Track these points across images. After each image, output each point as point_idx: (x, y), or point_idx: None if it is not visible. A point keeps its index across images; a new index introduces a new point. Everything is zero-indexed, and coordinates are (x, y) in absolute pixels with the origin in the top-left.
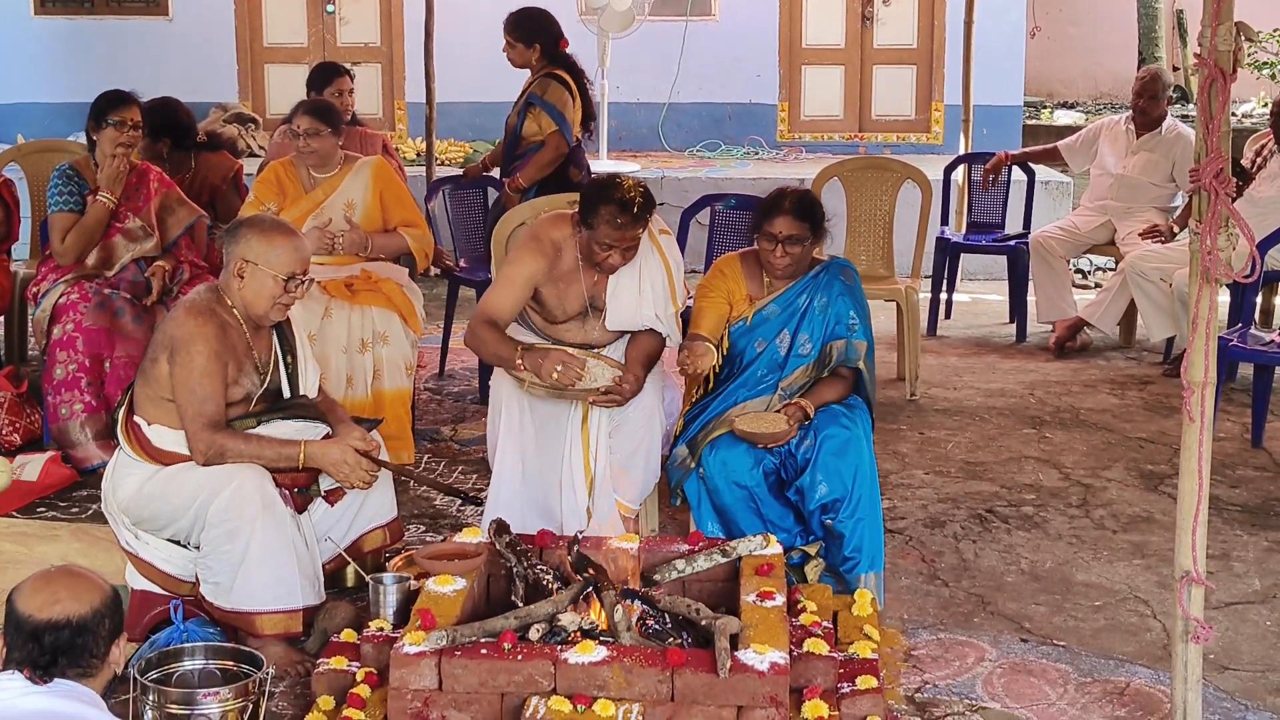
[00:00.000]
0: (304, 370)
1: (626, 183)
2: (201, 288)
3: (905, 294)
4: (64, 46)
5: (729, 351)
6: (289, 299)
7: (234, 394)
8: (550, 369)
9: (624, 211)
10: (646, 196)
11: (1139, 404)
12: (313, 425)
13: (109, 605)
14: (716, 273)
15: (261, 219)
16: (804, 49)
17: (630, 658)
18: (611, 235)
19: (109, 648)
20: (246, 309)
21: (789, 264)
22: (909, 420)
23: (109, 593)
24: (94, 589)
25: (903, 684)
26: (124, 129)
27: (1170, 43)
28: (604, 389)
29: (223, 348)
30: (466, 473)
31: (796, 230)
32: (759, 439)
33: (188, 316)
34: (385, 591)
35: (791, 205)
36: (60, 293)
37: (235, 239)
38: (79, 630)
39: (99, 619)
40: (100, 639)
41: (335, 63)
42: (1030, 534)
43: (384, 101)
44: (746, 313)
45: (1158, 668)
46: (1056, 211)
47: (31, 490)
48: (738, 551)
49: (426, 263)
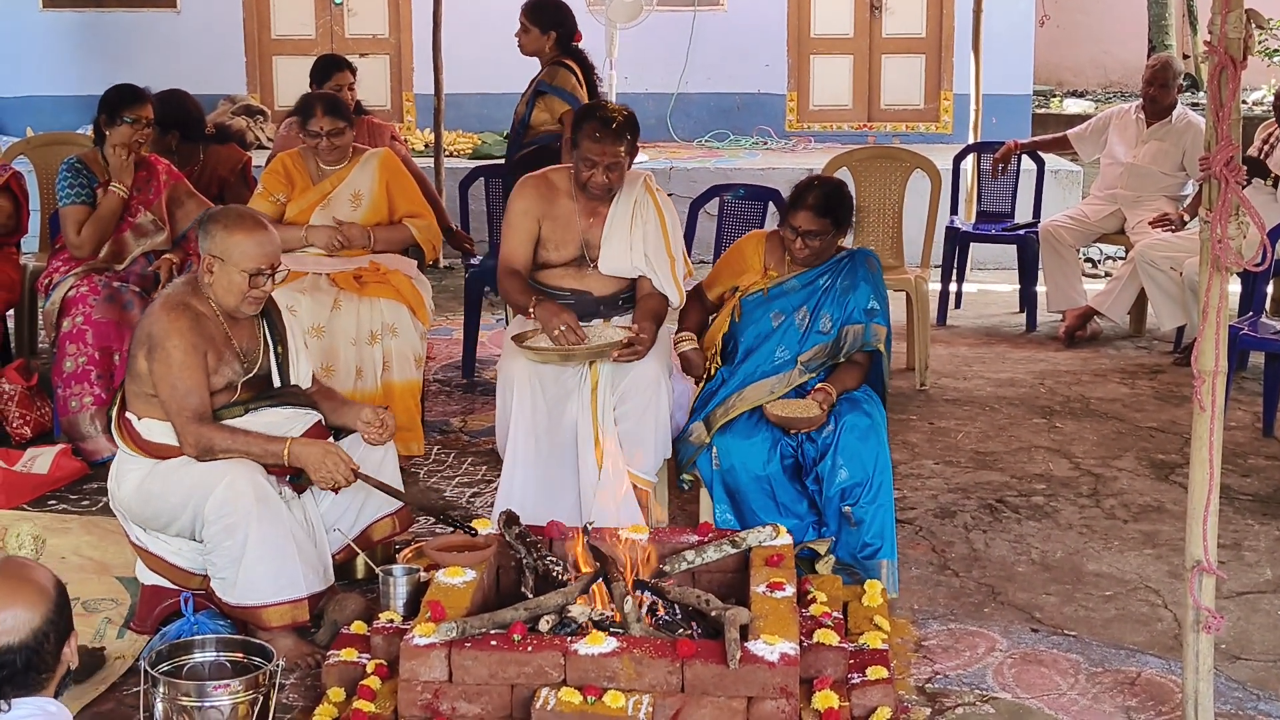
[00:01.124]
0: (295, 360)
1: (609, 104)
2: (178, 280)
3: (915, 284)
4: (72, 40)
5: (740, 320)
6: (258, 294)
7: (215, 383)
8: (555, 325)
9: (604, 126)
10: (629, 118)
11: (1149, 393)
12: (303, 411)
13: (51, 613)
14: (737, 247)
15: (228, 211)
16: (812, 38)
17: (640, 649)
18: (593, 150)
19: (59, 654)
20: (219, 303)
21: (809, 255)
22: (919, 410)
23: (48, 598)
24: (31, 603)
25: (913, 674)
26: (138, 126)
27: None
28: (624, 341)
29: (199, 339)
30: (476, 464)
31: (816, 226)
32: (793, 424)
33: (162, 312)
34: (395, 583)
35: (815, 201)
36: (70, 285)
37: (204, 234)
38: (20, 652)
39: (41, 636)
40: (46, 652)
41: (337, 56)
42: (1041, 524)
43: (392, 93)
44: (763, 285)
45: (1169, 657)
46: (1066, 200)
47: (42, 483)
48: (747, 542)
49: (435, 254)
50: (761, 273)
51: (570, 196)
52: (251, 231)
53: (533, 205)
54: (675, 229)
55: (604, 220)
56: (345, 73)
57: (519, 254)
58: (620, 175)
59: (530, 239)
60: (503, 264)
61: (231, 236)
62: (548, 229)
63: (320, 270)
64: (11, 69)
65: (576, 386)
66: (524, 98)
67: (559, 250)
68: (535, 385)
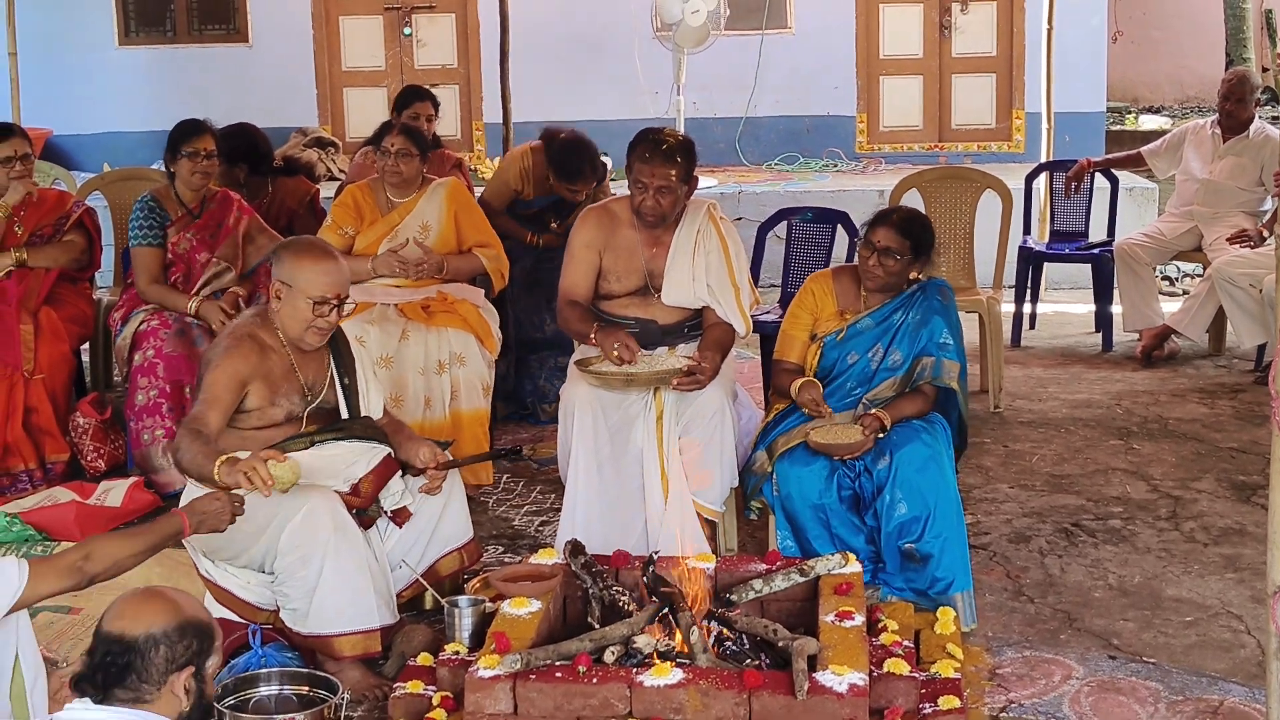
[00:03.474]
0: (364, 391)
1: (665, 129)
2: (248, 311)
3: (987, 305)
4: (148, 75)
5: (819, 364)
6: (323, 323)
7: (274, 415)
8: (611, 345)
9: (654, 148)
10: (682, 142)
11: (1230, 413)
12: (369, 446)
13: (172, 632)
14: (804, 293)
15: (300, 240)
16: (881, 59)
17: (706, 680)
18: (643, 172)
19: (166, 676)
20: (285, 331)
21: (882, 275)
22: (993, 433)
23: (181, 620)
24: (161, 613)
25: (987, 704)
26: (198, 159)
27: (1259, 43)
28: (684, 369)
29: (249, 373)
30: (545, 492)
31: (895, 244)
32: (833, 450)
33: (226, 339)
34: (461, 615)
35: (899, 220)
36: (141, 320)
37: (275, 261)
38: (126, 649)
39: (151, 643)
40: (151, 664)
41: (420, 87)
42: (1118, 548)
43: (462, 122)
44: (840, 326)
45: (1252, 685)
46: (1141, 218)
47: (116, 515)
48: (816, 571)
49: (502, 283)
50: (836, 314)
51: (632, 226)
52: (319, 260)
53: (594, 237)
54: (740, 257)
55: (667, 250)
56: (426, 104)
57: (580, 287)
58: (673, 201)
59: (591, 271)
60: (563, 295)
61: (299, 263)
62: (609, 260)
63: (388, 301)
64: (88, 106)
65: (641, 414)
66: None
67: (621, 281)
68: (597, 411)
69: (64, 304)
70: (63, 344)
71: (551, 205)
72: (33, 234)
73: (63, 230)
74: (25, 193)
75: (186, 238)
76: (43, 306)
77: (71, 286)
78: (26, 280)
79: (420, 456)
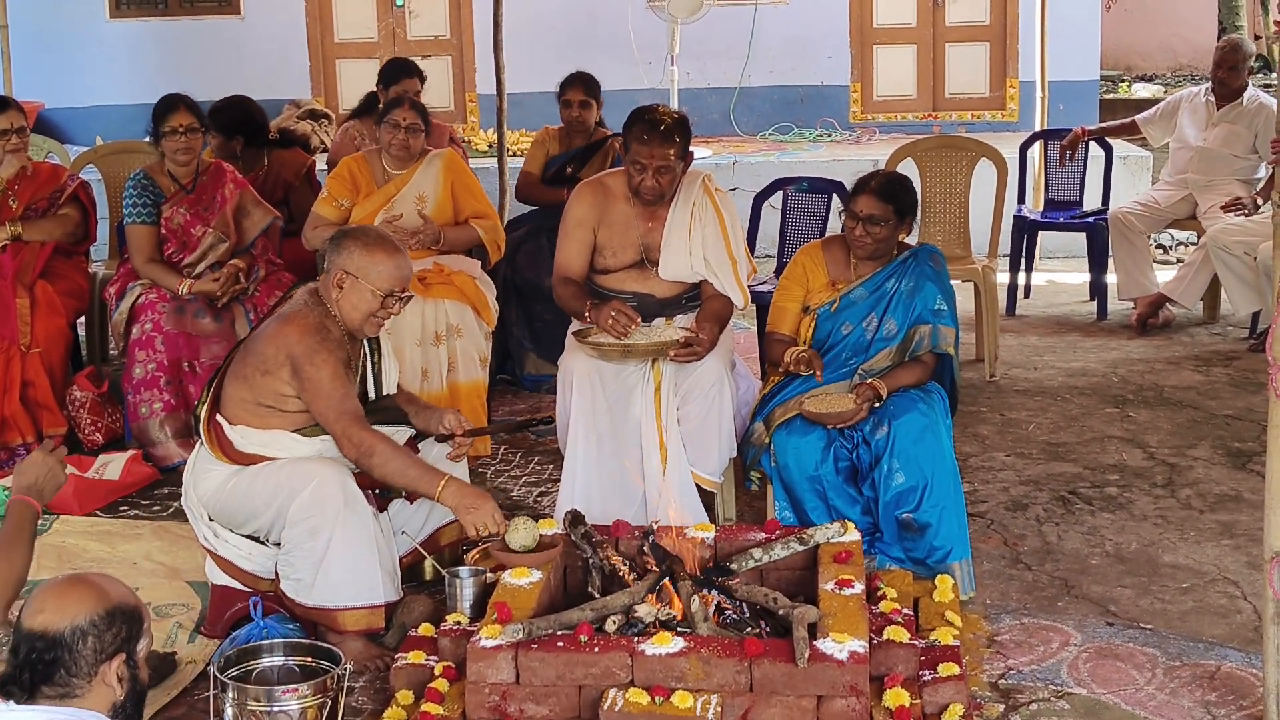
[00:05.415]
0: (387, 368)
1: (660, 106)
2: (302, 296)
3: (983, 274)
4: (139, 48)
5: (814, 336)
6: (385, 314)
7: None
8: (606, 315)
9: (652, 128)
10: (679, 120)
11: (1225, 380)
12: (395, 429)
13: (99, 620)
14: (794, 265)
15: (367, 231)
16: (875, 29)
17: (708, 648)
18: (641, 153)
19: (96, 668)
20: (342, 320)
21: (870, 243)
22: (989, 402)
23: (108, 606)
24: (84, 600)
25: (986, 670)
26: (178, 136)
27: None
28: (681, 339)
29: (342, 354)
30: (543, 463)
31: (877, 210)
32: (826, 419)
33: (304, 334)
34: (462, 585)
35: (877, 185)
36: (138, 294)
37: (338, 249)
38: (52, 644)
39: (78, 635)
40: (80, 656)
41: (408, 61)
42: (1115, 515)
43: (455, 94)
44: (833, 297)
45: (1249, 650)
46: (1135, 186)
47: (114, 489)
48: (815, 539)
49: (498, 254)
50: (828, 285)
51: (627, 201)
52: (392, 254)
53: (588, 214)
54: (736, 229)
55: (663, 224)
56: (414, 80)
57: (574, 264)
58: (672, 179)
59: (585, 248)
60: (557, 273)
61: (372, 256)
62: (604, 236)
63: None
64: (79, 79)
65: (639, 385)
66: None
67: (618, 255)
68: (595, 381)
69: (59, 278)
70: (59, 318)
71: (575, 156)
72: (27, 208)
73: (58, 204)
74: (20, 166)
75: (180, 212)
76: (38, 280)
77: (67, 260)
78: (22, 254)
79: (445, 423)
